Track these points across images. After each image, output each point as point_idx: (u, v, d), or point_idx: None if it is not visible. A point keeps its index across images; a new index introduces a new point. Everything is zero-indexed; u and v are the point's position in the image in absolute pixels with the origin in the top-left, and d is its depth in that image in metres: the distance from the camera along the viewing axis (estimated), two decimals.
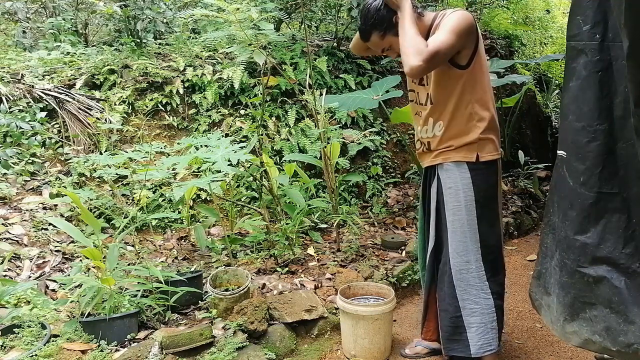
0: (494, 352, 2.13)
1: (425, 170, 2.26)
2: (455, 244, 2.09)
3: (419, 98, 2.15)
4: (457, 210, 2.07)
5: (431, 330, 2.38)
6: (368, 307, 2.40)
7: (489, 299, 2.09)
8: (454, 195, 2.07)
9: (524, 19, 7.24)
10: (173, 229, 3.53)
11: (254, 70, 4.32)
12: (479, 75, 2.03)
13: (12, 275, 2.68)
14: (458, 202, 2.06)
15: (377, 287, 2.63)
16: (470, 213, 2.06)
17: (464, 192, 2.05)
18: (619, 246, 1.51)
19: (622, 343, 1.51)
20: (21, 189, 3.30)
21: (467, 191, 2.05)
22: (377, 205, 4.22)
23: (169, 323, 2.45)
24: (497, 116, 2.12)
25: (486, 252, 2.09)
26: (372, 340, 2.40)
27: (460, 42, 1.89)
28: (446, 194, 2.09)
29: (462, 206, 2.06)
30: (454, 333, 2.13)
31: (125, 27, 4.71)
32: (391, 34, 2.01)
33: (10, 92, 3.57)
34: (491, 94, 2.10)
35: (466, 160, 2.05)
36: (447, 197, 2.09)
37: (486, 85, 2.07)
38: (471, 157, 2.04)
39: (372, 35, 2.04)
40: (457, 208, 2.07)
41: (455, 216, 2.08)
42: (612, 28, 1.46)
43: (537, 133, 6.31)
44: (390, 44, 2.05)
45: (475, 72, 2.01)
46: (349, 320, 2.43)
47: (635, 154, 1.33)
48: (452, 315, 2.11)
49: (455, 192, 2.07)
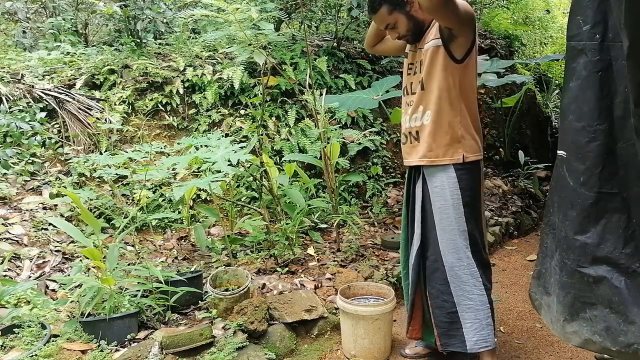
0: (491, 349, 2.14)
1: (409, 169, 2.29)
2: (446, 242, 2.12)
3: (411, 88, 2.19)
4: (445, 209, 2.10)
5: (416, 329, 2.39)
6: (368, 307, 2.40)
7: (483, 295, 2.12)
8: (441, 194, 2.10)
9: (524, 19, 7.25)
10: (173, 229, 3.53)
11: (254, 70, 4.32)
12: (470, 75, 2.08)
13: (12, 275, 2.68)
14: (445, 201, 2.09)
15: (377, 287, 2.63)
16: (458, 211, 2.09)
17: (450, 192, 2.08)
18: (619, 246, 1.51)
19: (622, 343, 1.51)
20: (21, 189, 3.30)
21: (454, 190, 2.08)
22: (377, 205, 4.22)
23: (169, 323, 2.45)
24: (479, 120, 2.18)
25: (475, 249, 2.12)
26: (372, 340, 2.40)
27: (463, 13, 1.91)
28: (432, 193, 2.12)
29: (450, 205, 2.09)
30: (450, 329, 2.15)
31: (125, 27, 4.71)
32: (399, 11, 2.05)
33: (10, 92, 3.57)
34: (475, 97, 2.16)
35: (452, 163, 2.08)
36: (433, 197, 2.12)
37: (474, 86, 2.12)
38: (458, 159, 2.07)
39: (382, 8, 2.06)
40: (445, 207, 2.10)
41: (443, 215, 2.11)
42: (612, 28, 1.46)
43: (537, 133, 6.31)
44: (396, 21, 2.08)
45: (468, 70, 2.06)
46: (349, 320, 2.42)
47: (635, 154, 1.33)
48: (449, 311, 2.14)
49: (442, 192, 2.10)
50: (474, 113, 2.12)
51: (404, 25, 2.08)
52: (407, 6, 2.05)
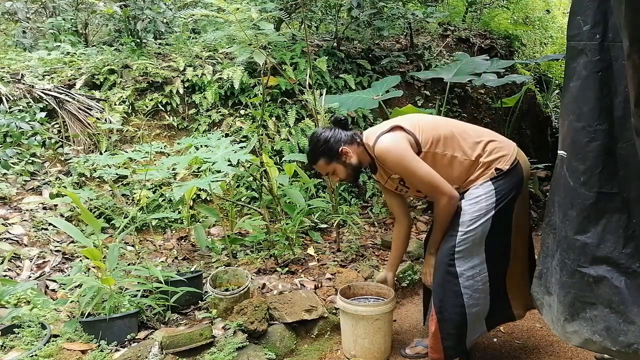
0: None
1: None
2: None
3: (417, 198, 2.25)
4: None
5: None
6: (368, 307, 2.39)
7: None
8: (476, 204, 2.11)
9: (524, 19, 7.25)
10: (173, 229, 3.53)
11: (254, 70, 4.32)
12: (436, 152, 2.13)
13: (12, 275, 2.68)
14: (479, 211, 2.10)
15: (377, 287, 2.62)
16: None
17: (485, 201, 2.09)
18: (619, 246, 1.51)
19: (622, 343, 1.51)
20: (21, 189, 3.30)
21: (490, 198, 2.09)
22: (377, 205, 4.22)
23: (169, 323, 2.45)
24: (495, 138, 2.19)
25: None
26: (372, 340, 2.40)
27: (415, 160, 2.06)
28: (467, 204, 2.12)
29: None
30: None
31: (125, 27, 4.71)
32: (336, 162, 2.23)
33: (10, 92, 3.57)
34: (472, 130, 2.19)
35: (489, 178, 2.11)
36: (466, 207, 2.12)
37: (455, 135, 2.14)
38: (492, 174, 2.11)
39: (320, 161, 2.24)
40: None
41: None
42: (612, 28, 1.46)
43: (537, 133, 6.31)
44: (334, 170, 2.26)
45: (431, 151, 2.13)
46: (349, 320, 2.42)
47: (635, 154, 1.33)
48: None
49: (477, 202, 2.10)
50: (479, 146, 2.14)
51: (342, 172, 2.25)
52: (342, 157, 2.21)
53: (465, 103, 5.43)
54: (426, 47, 5.53)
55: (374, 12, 4.96)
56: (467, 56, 4.93)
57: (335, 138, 2.22)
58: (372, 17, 4.98)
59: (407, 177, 2.14)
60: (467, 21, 6.59)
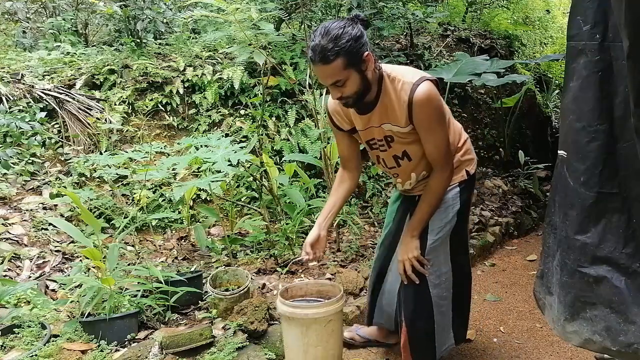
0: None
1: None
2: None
3: (386, 162, 2.08)
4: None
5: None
6: (320, 307, 2.08)
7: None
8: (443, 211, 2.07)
9: (524, 19, 7.25)
10: (173, 229, 3.53)
11: (254, 70, 4.32)
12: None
13: (12, 275, 2.68)
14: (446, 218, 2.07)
15: (318, 285, 2.34)
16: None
17: (452, 207, 2.07)
18: (619, 246, 1.51)
19: (622, 343, 1.51)
20: (21, 189, 3.30)
21: (455, 205, 2.07)
22: (377, 205, 4.22)
23: (169, 323, 2.45)
24: (469, 139, 2.17)
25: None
26: (327, 347, 2.11)
27: (445, 119, 1.94)
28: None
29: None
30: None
31: (125, 27, 4.71)
32: (355, 69, 1.76)
33: (10, 92, 3.57)
34: (455, 126, 2.12)
35: (458, 182, 2.07)
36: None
37: (450, 118, 2.07)
38: (463, 176, 2.08)
39: (337, 60, 1.71)
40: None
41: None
42: (612, 28, 1.46)
43: (537, 133, 6.31)
44: (347, 79, 1.76)
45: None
46: (297, 328, 2.09)
47: (636, 154, 1.33)
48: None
49: (445, 208, 2.06)
50: (458, 140, 2.10)
51: (355, 84, 1.78)
52: (363, 64, 1.77)
53: (465, 103, 5.43)
54: (426, 47, 5.53)
55: (374, 12, 4.96)
56: (467, 56, 4.93)
57: (363, 39, 1.75)
58: (372, 17, 4.98)
59: (429, 133, 1.88)
60: (467, 21, 6.59)
